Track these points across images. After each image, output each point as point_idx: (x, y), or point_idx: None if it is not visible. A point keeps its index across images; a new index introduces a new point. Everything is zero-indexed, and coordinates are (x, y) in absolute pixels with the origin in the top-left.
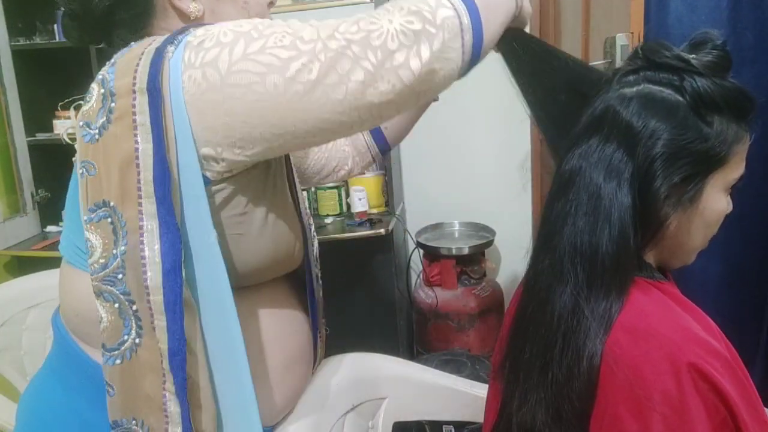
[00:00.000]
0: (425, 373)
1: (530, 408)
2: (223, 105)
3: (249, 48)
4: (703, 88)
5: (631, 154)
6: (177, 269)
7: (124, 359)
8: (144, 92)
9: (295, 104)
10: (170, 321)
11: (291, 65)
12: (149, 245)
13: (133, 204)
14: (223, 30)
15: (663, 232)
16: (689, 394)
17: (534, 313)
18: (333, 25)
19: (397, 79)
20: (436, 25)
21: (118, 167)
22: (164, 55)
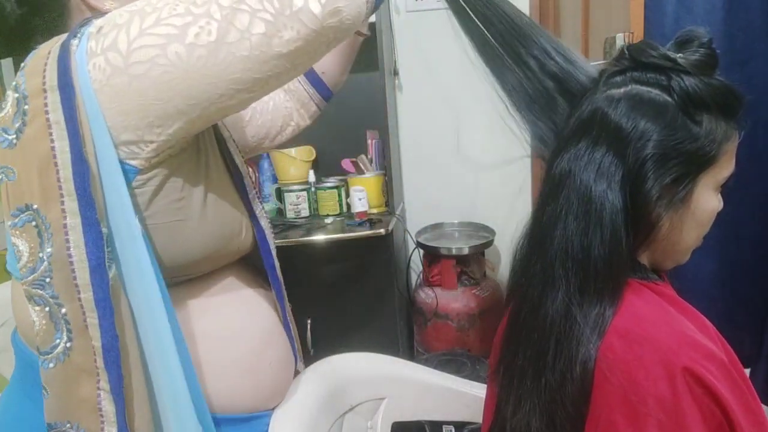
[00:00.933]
0: (425, 373)
1: (524, 414)
2: (131, 85)
3: (144, 23)
4: (691, 88)
5: (621, 156)
6: (102, 265)
7: (57, 363)
8: (55, 90)
9: (201, 69)
10: (101, 318)
11: (189, 30)
12: (75, 244)
13: (56, 204)
14: (119, 12)
15: (655, 234)
16: (684, 399)
17: (527, 318)
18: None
19: (300, 24)
20: None
21: (37, 168)
22: (70, 50)
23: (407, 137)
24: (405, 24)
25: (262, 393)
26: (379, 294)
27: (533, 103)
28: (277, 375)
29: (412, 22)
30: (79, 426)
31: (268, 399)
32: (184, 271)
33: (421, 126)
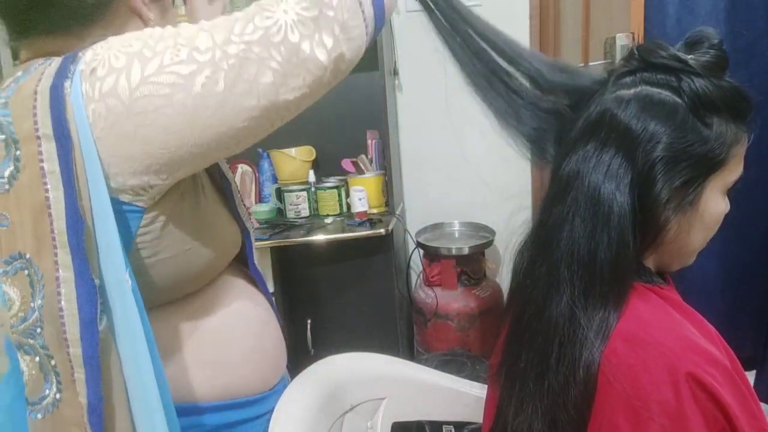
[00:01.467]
0: (425, 373)
1: (526, 417)
2: (137, 135)
3: (146, 70)
4: (701, 89)
5: (631, 158)
6: (93, 321)
7: (46, 413)
8: (50, 139)
9: (209, 120)
10: (88, 375)
11: (195, 80)
12: (66, 297)
13: (49, 254)
14: (113, 53)
15: (663, 237)
16: (687, 404)
17: (531, 320)
18: (227, 26)
19: (307, 72)
20: (333, 6)
21: (31, 217)
22: (63, 93)
23: (407, 137)
24: (405, 24)
25: (268, 373)
26: (379, 294)
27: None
28: (277, 355)
29: (412, 22)
30: None
31: (271, 378)
32: (192, 288)
33: (421, 126)
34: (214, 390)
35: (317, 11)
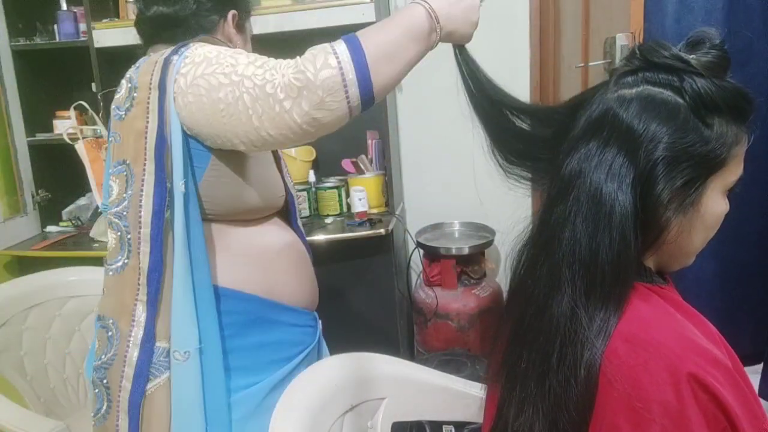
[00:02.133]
0: (425, 373)
1: (527, 417)
2: (188, 107)
3: (206, 70)
4: (703, 90)
5: (632, 158)
6: (161, 211)
7: (115, 273)
8: (156, 88)
9: (219, 117)
10: (153, 247)
11: (222, 90)
12: (146, 192)
13: (141, 163)
14: (200, 52)
15: (663, 237)
16: (689, 405)
17: (532, 320)
18: (258, 65)
19: (283, 122)
20: (316, 84)
21: (134, 137)
22: (170, 62)
23: (407, 137)
24: None
25: (304, 294)
26: (379, 294)
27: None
28: (311, 286)
29: None
30: (117, 323)
31: (306, 301)
32: (248, 216)
33: (421, 126)
34: (263, 287)
35: (303, 84)
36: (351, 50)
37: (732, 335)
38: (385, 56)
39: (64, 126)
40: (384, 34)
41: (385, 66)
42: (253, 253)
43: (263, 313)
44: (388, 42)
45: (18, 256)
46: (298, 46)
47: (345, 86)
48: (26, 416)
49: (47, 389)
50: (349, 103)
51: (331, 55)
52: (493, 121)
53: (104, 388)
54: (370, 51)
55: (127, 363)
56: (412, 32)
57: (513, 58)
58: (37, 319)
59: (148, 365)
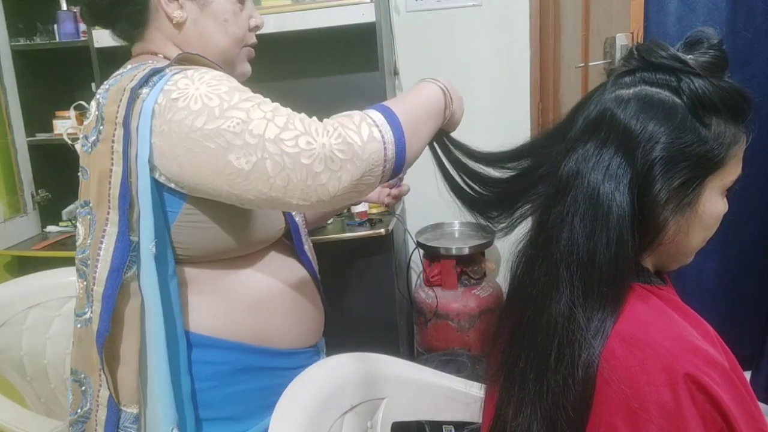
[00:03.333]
0: (425, 373)
1: (525, 418)
2: (177, 158)
3: (207, 125)
4: (701, 90)
5: (630, 158)
6: (119, 270)
7: (83, 325)
8: (121, 126)
9: (229, 182)
10: (103, 310)
11: (231, 153)
12: (106, 245)
13: (104, 209)
14: (196, 95)
15: (661, 237)
16: (686, 406)
17: (530, 321)
18: (281, 125)
19: (314, 194)
20: (363, 159)
21: (98, 179)
22: (137, 96)
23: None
24: (405, 24)
25: (300, 333)
26: (379, 294)
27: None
28: (313, 317)
29: (412, 22)
30: (89, 379)
31: (303, 339)
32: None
33: None
34: (252, 333)
35: (349, 156)
36: (390, 125)
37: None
38: (415, 133)
39: (64, 126)
40: (413, 111)
41: (415, 143)
42: (239, 296)
43: (254, 361)
44: (418, 119)
45: (18, 256)
46: (298, 46)
47: (385, 161)
48: (26, 416)
49: (47, 389)
50: (382, 177)
51: (374, 128)
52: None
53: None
54: (406, 128)
55: (98, 423)
56: (434, 110)
57: (513, 58)
58: (37, 319)
59: (114, 429)
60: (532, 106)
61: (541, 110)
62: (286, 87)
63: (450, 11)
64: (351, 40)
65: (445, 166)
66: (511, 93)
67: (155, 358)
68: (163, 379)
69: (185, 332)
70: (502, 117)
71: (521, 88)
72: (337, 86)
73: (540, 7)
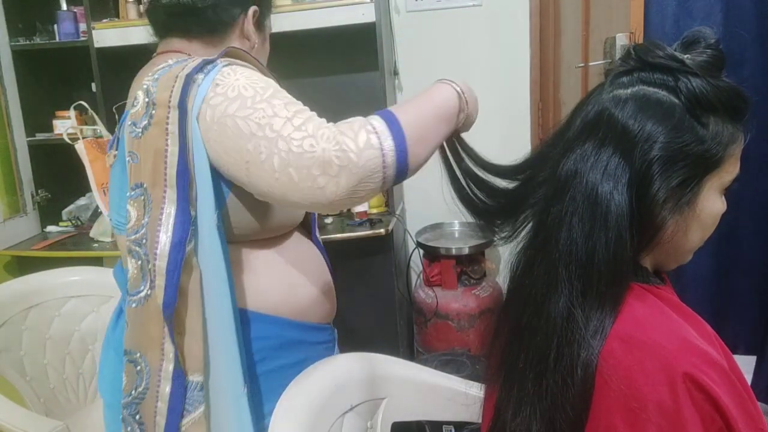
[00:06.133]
0: (425, 373)
1: (525, 417)
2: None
3: (238, 112)
4: (698, 89)
5: (628, 158)
6: (182, 243)
7: (138, 305)
8: (176, 108)
9: (245, 170)
10: (168, 282)
11: (251, 141)
12: (165, 221)
13: (160, 188)
14: (234, 85)
15: (660, 236)
16: (684, 405)
17: (529, 320)
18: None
19: (313, 196)
20: (359, 166)
21: (152, 160)
22: (193, 81)
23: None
24: (405, 24)
25: (326, 309)
26: (379, 294)
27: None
28: (330, 299)
29: (412, 22)
30: (145, 357)
31: (331, 313)
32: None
33: None
34: (290, 308)
35: (346, 163)
36: (391, 131)
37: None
38: (421, 139)
39: (64, 126)
40: (421, 116)
41: (421, 149)
42: (277, 273)
43: (294, 335)
44: (425, 125)
45: (18, 256)
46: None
47: (384, 168)
48: (26, 416)
49: (47, 389)
50: (383, 183)
51: (373, 135)
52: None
53: (137, 425)
54: (408, 134)
55: (160, 397)
56: (445, 114)
57: (513, 58)
58: (37, 319)
59: (181, 400)
60: (532, 106)
61: (541, 110)
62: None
63: (450, 11)
64: (351, 40)
65: (455, 172)
66: (511, 93)
67: (218, 329)
68: (229, 347)
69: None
70: (502, 117)
71: (521, 88)
72: (337, 86)
73: (540, 7)
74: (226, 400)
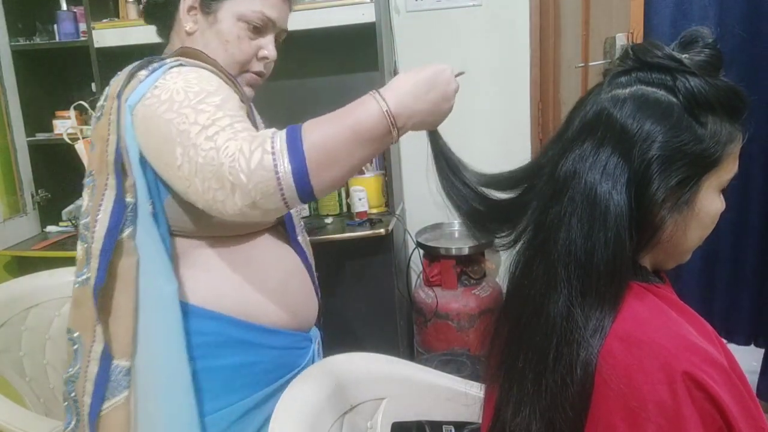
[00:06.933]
0: (425, 373)
1: (524, 417)
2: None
3: (165, 114)
4: (696, 89)
5: (627, 157)
6: (116, 228)
7: (80, 285)
8: (115, 98)
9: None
10: (100, 264)
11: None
12: (104, 207)
13: (104, 175)
14: (170, 88)
15: (659, 236)
16: (684, 404)
17: (529, 320)
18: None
19: (215, 208)
20: (249, 188)
21: (99, 147)
22: (135, 76)
23: (407, 137)
24: (405, 24)
25: (287, 314)
26: (379, 294)
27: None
28: (303, 302)
29: (412, 22)
30: (81, 337)
31: (299, 321)
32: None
33: None
34: (237, 308)
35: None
36: (290, 153)
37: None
38: (328, 161)
39: (64, 126)
40: (331, 137)
41: (328, 171)
42: (230, 271)
43: (238, 334)
44: (334, 148)
45: (18, 256)
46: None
47: (281, 190)
48: (26, 416)
49: (47, 389)
50: (286, 203)
51: (268, 156)
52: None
53: (72, 401)
54: (311, 156)
55: (88, 377)
56: (363, 136)
57: (513, 58)
58: (37, 319)
59: (104, 383)
60: (532, 106)
61: (541, 110)
62: (286, 87)
63: (450, 11)
64: (351, 40)
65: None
66: (511, 93)
67: (152, 317)
68: (163, 337)
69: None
70: (502, 117)
71: (521, 88)
72: (337, 86)
73: (540, 7)
74: (158, 390)
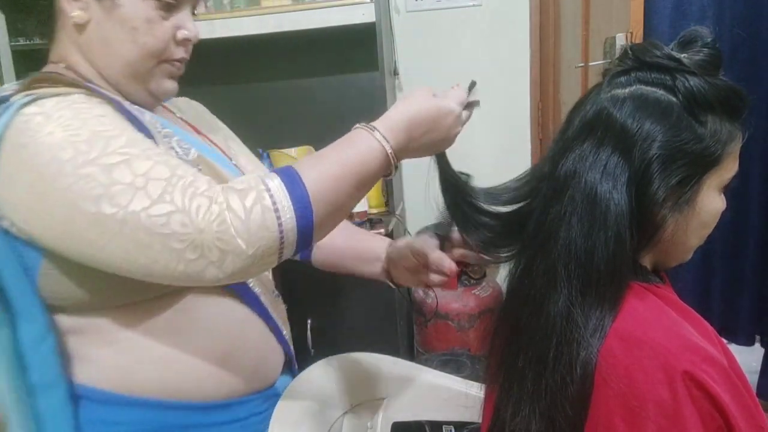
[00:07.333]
0: (425, 373)
1: (524, 417)
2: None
3: (56, 182)
4: (696, 88)
5: (627, 157)
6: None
7: None
8: None
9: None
10: None
11: (81, 220)
12: None
13: None
14: (48, 142)
15: (659, 235)
16: (684, 403)
17: (529, 320)
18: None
19: (188, 279)
20: (248, 253)
21: None
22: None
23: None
24: (405, 24)
25: (245, 376)
26: (379, 294)
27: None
28: (259, 359)
29: (412, 22)
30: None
31: (254, 381)
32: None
33: None
34: (164, 387)
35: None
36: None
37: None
38: (333, 213)
39: None
40: (337, 189)
41: (330, 222)
42: (146, 345)
43: (168, 419)
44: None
45: None
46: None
47: (281, 249)
48: None
49: None
50: (281, 259)
51: (270, 213)
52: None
53: None
54: (319, 211)
55: None
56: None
57: (513, 58)
58: None
59: None
60: (532, 106)
61: (541, 110)
62: (286, 87)
63: (450, 11)
64: (351, 40)
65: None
66: (511, 93)
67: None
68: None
69: (73, 385)
70: (502, 117)
71: (521, 88)
72: (337, 86)
73: (540, 7)
74: None
